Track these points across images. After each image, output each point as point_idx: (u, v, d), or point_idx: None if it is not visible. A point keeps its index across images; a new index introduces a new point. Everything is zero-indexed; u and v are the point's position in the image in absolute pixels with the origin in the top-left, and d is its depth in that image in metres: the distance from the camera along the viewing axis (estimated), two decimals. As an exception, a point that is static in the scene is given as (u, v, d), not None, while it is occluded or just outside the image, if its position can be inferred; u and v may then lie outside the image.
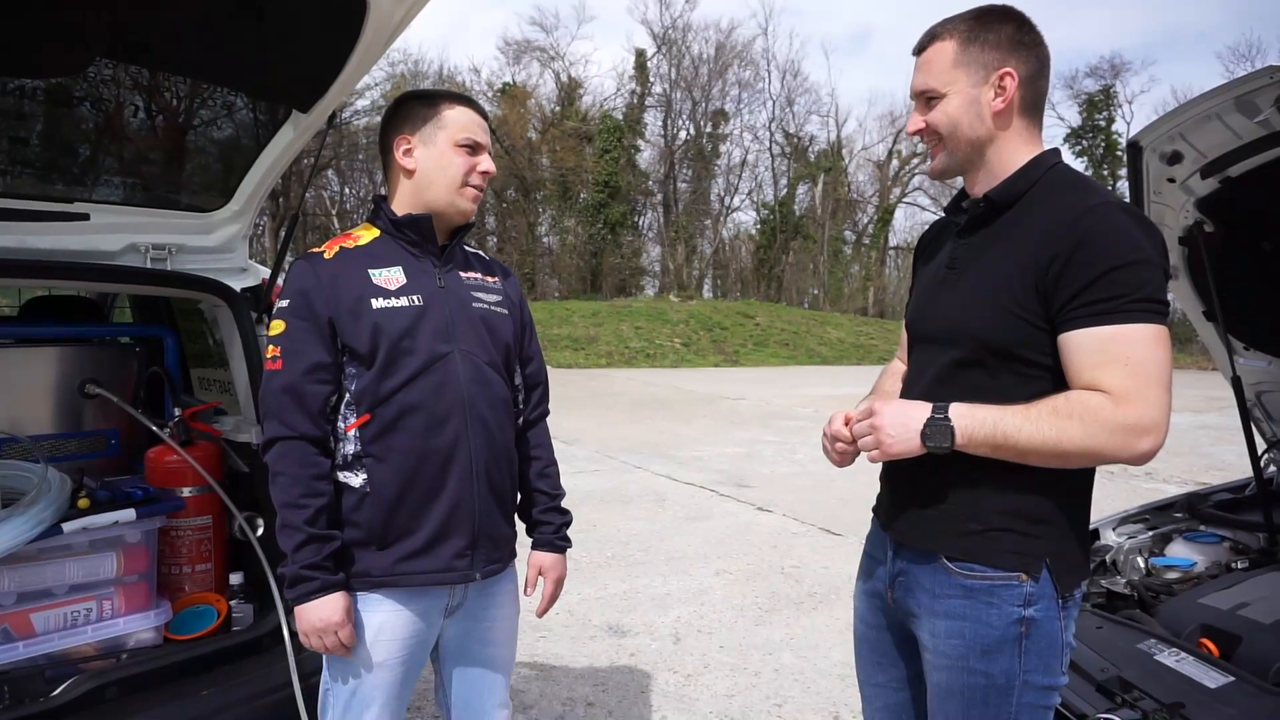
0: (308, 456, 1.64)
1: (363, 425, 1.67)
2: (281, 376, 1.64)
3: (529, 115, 35.44)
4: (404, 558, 1.68)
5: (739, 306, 30.38)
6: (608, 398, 14.89)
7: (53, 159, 2.46)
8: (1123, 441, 1.33)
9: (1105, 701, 1.99)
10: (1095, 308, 1.34)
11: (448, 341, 1.70)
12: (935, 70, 1.49)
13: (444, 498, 1.68)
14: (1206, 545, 2.80)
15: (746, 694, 3.40)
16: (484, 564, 1.75)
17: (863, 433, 1.47)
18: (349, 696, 1.71)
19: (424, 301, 1.70)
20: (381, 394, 1.66)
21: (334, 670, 1.73)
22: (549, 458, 1.96)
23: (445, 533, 1.69)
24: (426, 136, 1.72)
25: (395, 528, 1.68)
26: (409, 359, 1.66)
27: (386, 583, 1.68)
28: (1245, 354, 2.97)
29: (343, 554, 1.66)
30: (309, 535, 1.60)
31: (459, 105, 1.76)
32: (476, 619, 1.82)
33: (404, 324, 1.67)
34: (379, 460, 1.66)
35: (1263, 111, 2.15)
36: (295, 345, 1.65)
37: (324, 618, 1.62)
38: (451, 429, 1.68)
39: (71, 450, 2.61)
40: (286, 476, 1.62)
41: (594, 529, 5.95)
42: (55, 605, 2.16)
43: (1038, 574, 1.44)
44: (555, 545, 1.94)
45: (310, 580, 1.61)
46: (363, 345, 1.65)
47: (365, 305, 1.66)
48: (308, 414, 1.64)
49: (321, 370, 1.65)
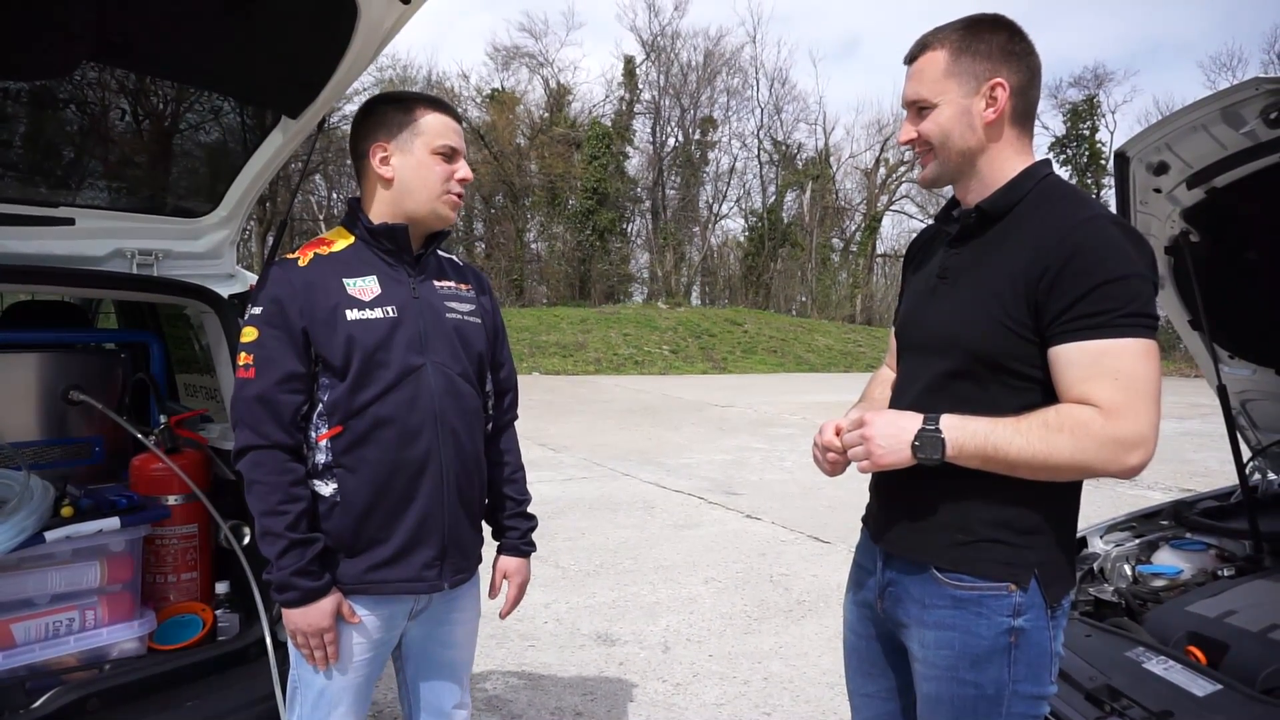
0: (282, 464, 1.63)
1: (334, 436, 1.66)
2: (254, 385, 1.63)
3: (517, 121, 35.40)
4: (373, 566, 1.69)
5: (727, 314, 30.42)
6: (596, 405, 14.87)
7: (38, 163, 2.44)
8: (1112, 455, 1.33)
9: (1094, 710, 1.99)
10: (1086, 321, 1.34)
11: (421, 354, 1.69)
12: (927, 80, 1.49)
13: (414, 509, 1.69)
14: (1193, 553, 2.81)
15: (735, 702, 3.40)
16: (452, 574, 1.77)
17: (853, 443, 1.47)
18: (317, 695, 1.73)
19: (398, 313, 1.69)
20: (354, 407, 1.65)
21: (303, 669, 1.74)
22: (516, 463, 1.97)
23: (415, 543, 1.70)
24: (403, 144, 1.70)
25: (364, 537, 1.68)
26: (382, 372, 1.65)
27: (356, 590, 1.70)
28: (1230, 362, 3.00)
29: (326, 556, 1.67)
30: (291, 541, 1.61)
31: (434, 110, 1.73)
32: (439, 622, 1.84)
33: (378, 336, 1.65)
34: (350, 471, 1.66)
35: (1248, 123, 2.17)
36: (268, 354, 1.63)
37: (312, 622, 1.63)
38: (423, 442, 1.68)
39: (54, 457, 2.58)
40: (263, 485, 1.62)
41: (582, 536, 5.93)
42: (36, 615, 2.13)
43: (1026, 584, 1.44)
44: (520, 550, 1.96)
45: (296, 587, 1.61)
46: (336, 357, 1.64)
47: (340, 316, 1.64)
48: (280, 423, 1.63)
49: (294, 380, 1.64)
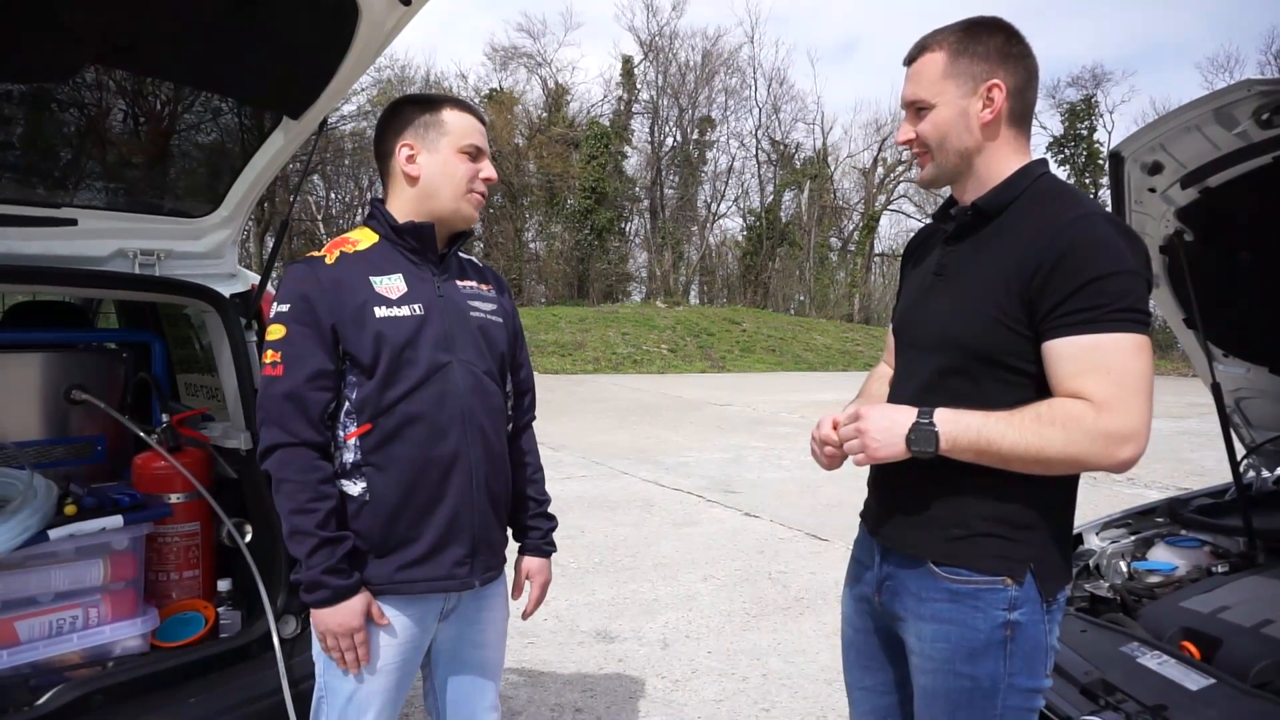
0: (311, 462, 1.62)
1: (363, 435, 1.65)
2: (283, 383, 1.61)
3: (516, 121, 35.37)
4: (404, 566, 1.67)
5: (726, 313, 30.43)
6: (595, 404, 14.87)
7: (41, 164, 2.45)
8: (1104, 449, 1.35)
9: (1089, 704, 2.01)
10: (1078, 317, 1.36)
11: (447, 351, 1.69)
12: (925, 81, 1.51)
13: (444, 507, 1.68)
14: (1188, 549, 2.83)
15: (734, 699, 3.41)
16: (483, 571, 1.76)
17: (849, 436, 1.49)
18: (345, 701, 1.69)
19: (425, 310, 1.69)
20: (384, 404, 1.64)
21: (331, 674, 1.70)
22: (536, 463, 1.98)
23: (446, 541, 1.69)
24: (430, 143, 1.71)
25: (394, 537, 1.67)
26: (411, 369, 1.65)
27: (386, 590, 1.67)
28: (1224, 361, 3.01)
29: (354, 555, 1.64)
30: (322, 539, 1.59)
31: (460, 110, 1.75)
32: (470, 622, 1.82)
33: (406, 334, 1.65)
34: (379, 470, 1.65)
35: (1241, 124, 2.18)
36: (297, 351, 1.62)
37: (342, 622, 1.61)
38: (453, 439, 1.67)
39: (58, 456, 2.58)
40: (292, 483, 1.60)
41: (582, 534, 5.95)
42: (40, 613, 2.14)
43: (1022, 578, 1.46)
44: (542, 550, 1.96)
45: (326, 586, 1.59)
46: (365, 354, 1.63)
47: (368, 313, 1.64)
48: (309, 421, 1.62)
49: (323, 377, 1.63)
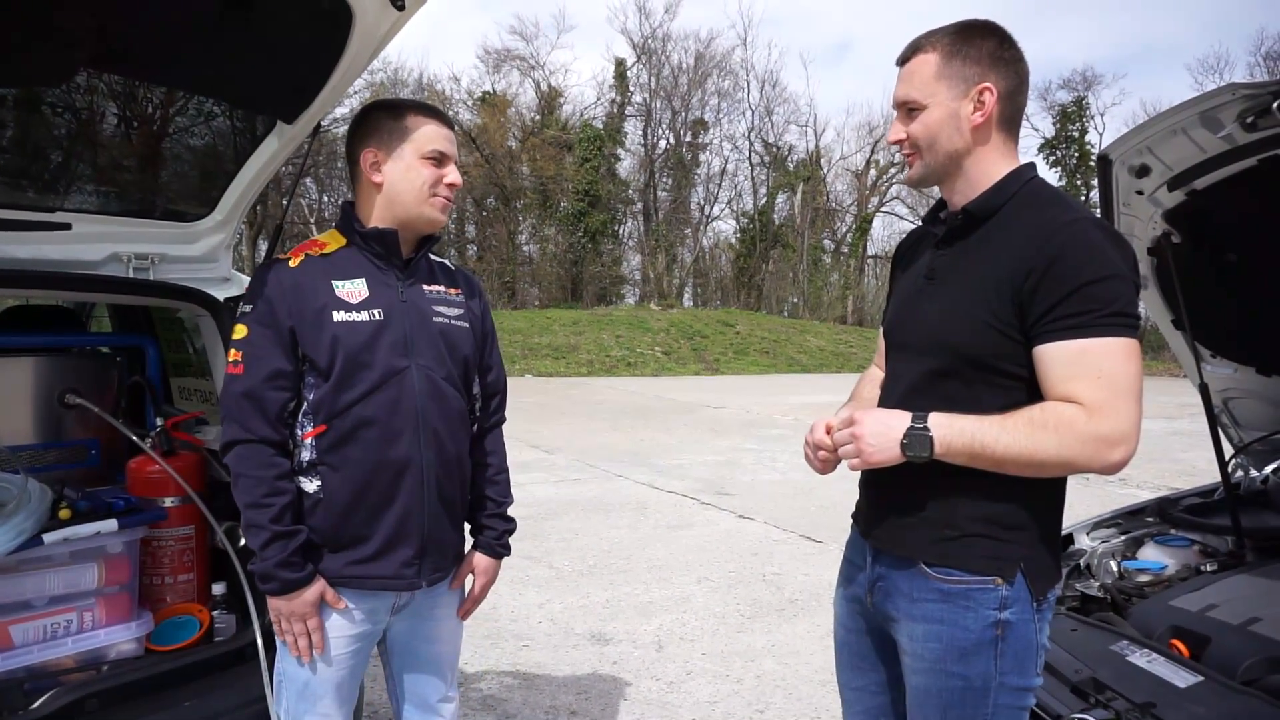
0: (267, 458, 1.68)
1: (319, 435, 1.71)
2: (242, 381, 1.68)
3: (509, 124, 35.39)
4: (354, 562, 1.74)
5: (719, 315, 30.48)
6: (589, 406, 14.88)
7: (34, 167, 2.45)
8: (1095, 452, 1.37)
9: (1079, 702, 2.02)
10: (1069, 321, 1.38)
11: (405, 356, 1.73)
12: (917, 82, 1.53)
13: (394, 508, 1.73)
14: (1177, 549, 2.85)
15: (729, 701, 3.43)
16: (430, 572, 1.81)
17: (843, 441, 1.50)
18: (301, 688, 1.77)
19: (384, 316, 1.73)
20: (338, 406, 1.69)
21: (287, 661, 1.78)
22: (500, 464, 2.01)
23: (395, 542, 1.74)
24: (393, 150, 1.74)
25: (346, 534, 1.73)
26: (365, 373, 1.69)
27: (336, 583, 1.74)
28: (1212, 361, 3.04)
29: (309, 548, 1.71)
30: (275, 533, 1.66)
31: (425, 118, 1.76)
32: (422, 618, 1.88)
33: (363, 338, 1.69)
34: (333, 469, 1.71)
35: (1226, 127, 2.20)
36: (256, 351, 1.68)
37: (293, 609, 1.69)
38: (405, 443, 1.72)
39: (51, 461, 2.58)
40: (248, 478, 1.67)
41: (576, 537, 5.95)
42: (35, 617, 2.13)
43: (1012, 578, 1.47)
44: (494, 550, 1.99)
45: (277, 578, 1.67)
46: (322, 357, 1.68)
47: (327, 317, 1.68)
48: (266, 419, 1.67)
49: (281, 378, 1.69)
